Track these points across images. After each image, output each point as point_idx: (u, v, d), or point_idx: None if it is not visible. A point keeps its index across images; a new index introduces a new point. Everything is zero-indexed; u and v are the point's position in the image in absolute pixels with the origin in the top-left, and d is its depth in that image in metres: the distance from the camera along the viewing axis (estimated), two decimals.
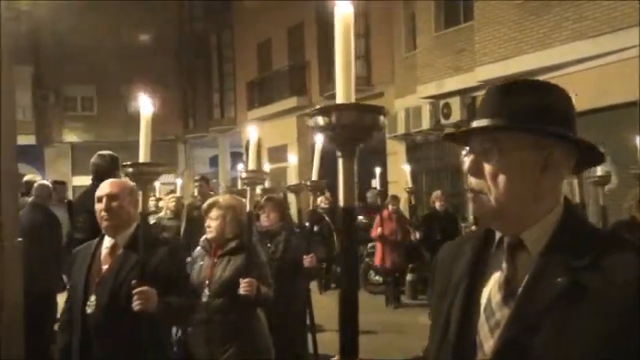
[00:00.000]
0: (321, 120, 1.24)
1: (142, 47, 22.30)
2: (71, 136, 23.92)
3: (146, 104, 2.77)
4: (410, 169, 9.51)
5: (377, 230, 10.22)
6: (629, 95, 8.59)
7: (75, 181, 20.90)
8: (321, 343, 4.81)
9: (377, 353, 6.61)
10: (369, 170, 10.37)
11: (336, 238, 9.27)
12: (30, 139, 20.90)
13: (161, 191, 11.44)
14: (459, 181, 12.89)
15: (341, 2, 1.28)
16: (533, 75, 10.16)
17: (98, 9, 19.24)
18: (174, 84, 24.01)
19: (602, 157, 1.43)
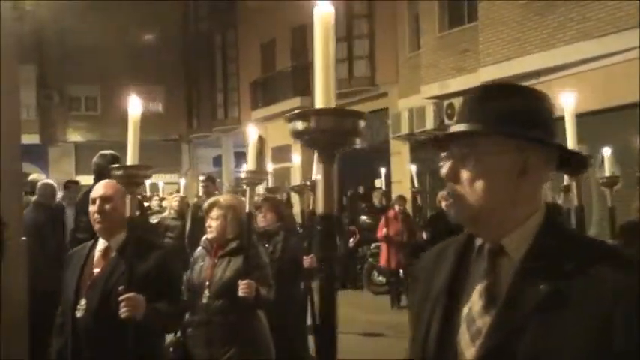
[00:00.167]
0: (300, 125, 1.17)
1: (147, 47, 22.35)
2: (75, 136, 23.96)
3: (134, 105, 2.66)
4: (415, 169, 9.49)
5: (382, 231, 10.18)
6: (634, 96, 8.56)
7: (79, 181, 20.91)
8: None
9: (381, 354, 6.59)
10: (374, 170, 10.35)
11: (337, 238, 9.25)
12: (34, 139, 20.91)
13: (164, 191, 11.45)
14: None
15: (321, 2, 1.21)
16: (537, 75, 10.16)
17: (102, 9, 19.26)
18: (178, 84, 24.06)
19: (586, 161, 1.42)
